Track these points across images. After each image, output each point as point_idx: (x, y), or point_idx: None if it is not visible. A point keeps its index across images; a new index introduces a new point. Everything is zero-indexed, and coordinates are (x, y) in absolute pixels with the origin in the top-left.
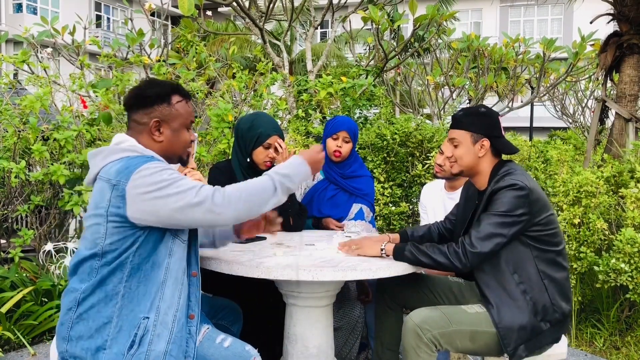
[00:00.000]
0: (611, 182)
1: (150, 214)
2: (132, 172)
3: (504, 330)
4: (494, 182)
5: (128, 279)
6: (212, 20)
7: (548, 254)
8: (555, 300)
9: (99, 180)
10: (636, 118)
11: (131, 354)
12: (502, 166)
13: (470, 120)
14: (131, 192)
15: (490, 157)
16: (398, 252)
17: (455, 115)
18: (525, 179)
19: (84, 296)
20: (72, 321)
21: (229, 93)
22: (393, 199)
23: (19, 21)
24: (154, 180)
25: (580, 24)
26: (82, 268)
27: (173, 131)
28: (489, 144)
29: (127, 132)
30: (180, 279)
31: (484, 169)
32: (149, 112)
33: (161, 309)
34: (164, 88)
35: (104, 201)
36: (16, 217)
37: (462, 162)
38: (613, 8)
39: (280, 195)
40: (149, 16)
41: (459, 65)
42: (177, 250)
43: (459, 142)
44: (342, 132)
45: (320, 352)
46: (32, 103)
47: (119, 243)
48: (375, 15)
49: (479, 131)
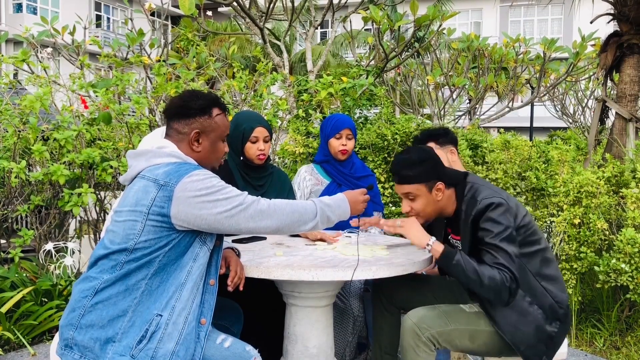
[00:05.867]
0: (612, 182)
1: (196, 217)
2: (182, 175)
3: (528, 350)
4: (466, 206)
5: (152, 277)
6: (212, 20)
7: (535, 255)
8: (556, 297)
9: (141, 179)
10: (636, 118)
11: (139, 349)
12: (463, 188)
13: (417, 171)
14: (179, 194)
15: (447, 192)
16: (447, 257)
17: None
18: (494, 193)
19: (104, 286)
20: (86, 309)
21: (229, 93)
22: (393, 199)
23: (19, 21)
24: (204, 186)
25: (581, 24)
26: (105, 260)
27: (211, 143)
28: (444, 185)
29: (167, 137)
30: (198, 284)
31: (447, 205)
32: (190, 123)
33: (176, 309)
34: (206, 100)
35: (147, 199)
36: (16, 217)
37: (426, 212)
38: (613, 8)
39: (319, 222)
40: (149, 16)
41: (459, 65)
42: (201, 257)
43: (415, 196)
44: (344, 130)
45: (320, 352)
46: (32, 103)
47: (153, 242)
48: (376, 15)
49: (431, 178)
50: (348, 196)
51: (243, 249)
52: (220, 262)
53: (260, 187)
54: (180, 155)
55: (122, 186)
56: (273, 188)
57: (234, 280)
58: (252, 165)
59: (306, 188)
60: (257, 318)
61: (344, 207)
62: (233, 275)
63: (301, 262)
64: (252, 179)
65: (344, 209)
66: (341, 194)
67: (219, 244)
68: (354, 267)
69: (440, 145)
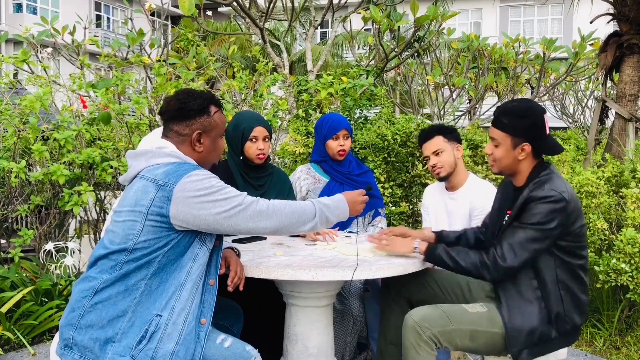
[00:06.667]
0: (612, 182)
1: (195, 217)
2: (181, 175)
3: (512, 331)
4: (532, 186)
5: (151, 277)
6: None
7: (571, 265)
8: (569, 312)
9: (140, 179)
10: (636, 118)
11: (139, 349)
12: (542, 168)
13: (511, 121)
14: (178, 194)
15: (530, 159)
16: (430, 252)
17: (497, 111)
18: (564, 188)
19: (103, 286)
20: (86, 309)
21: (229, 93)
22: (393, 199)
23: (19, 21)
24: (203, 186)
25: (580, 24)
26: (104, 260)
27: (212, 141)
28: (530, 148)
29: (166, 138)
30: (197, 284)
31: (523, 170)
32: (190, 124)
33: (175, 309)
34: (203, 100)
35: (146, 199)
36: (16, 217)
37: (501, 163)
38: (613, 8)
39: (318, 222)
40: (149, 16)
41: (459, 65)
42: (201, 257)
43: (498, 143)
44: (341, 131)
45: (320, 352)
46: (32, 103)
47: (153, 242)
48: (376, 15)
49: (520, 135)
50: (347, 197)
51: (243, 249)
52: (220, 262)
53: (260, 187)
54: (180, 155)
55: (122, 186)
56: (273, 188)
57: (234, 280)
58: (251, 165)
59: (302, 187)
60: (257, 318)
61: (343, 207)
62: (233, 275)
63: (301, 262)
64: (251, 179)
65: (343, 209)
66: (340, 195)
67: (219, 244)
68: (354, 267)
69: (447, 140)
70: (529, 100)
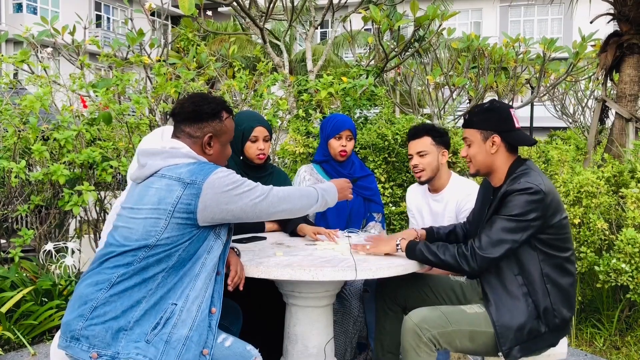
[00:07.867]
0: (612, 182)
1: (222, 210)
2: (208, 173)
3: (501, 329)
4: (510, 181)
5: (169, 270)
6: (212, 20)
7: (555, 259)
8: (556, 306)
9: (161, 178)
10: (636, 118)
11: (154, 334)
12: (519, 165)
13: (478, 117)
14: (208, 190)
15: (504, 154)
16: (410, 249)
17: (466, 114)
18: (541, 181)
19: (120, 279)
20: (99, 301)
21: (229, 93)
22: (393, 199)
23: (19, 21)
24: (231, 181)
25: (581, 24)
26: (119, 257)
27: (221, 145)
28: (500, 139)
29: (177, 138)
30: (211, 275)
31: (500, 167)
32: (202, 127)
33: (190, 298)
34: (217, 105)
35: (172, 198)
36: (16, 217)
37: (476, 160)
38: (613, 8)
39: (320, 204)
40: (149, 16)
41: (459, 65)
42: (215, 249)
43: (470, 142)
44: (344, 131)
45: (320, 352)
46: (32, 103)
47: (176, 238)
48: (376, 15)
49: (487, 128)
50: (335, 183)
51: (243, 249)
52: (227, 255)
53: None
54: (196, 156)
55: (123, 186)
56: None
57: (234, 280)
58: (251, 165)
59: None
60: (257, 318)
61: (333, 191)
62: (233, 275)
63: (301, 262)
64: (251, 179)
65: (334, 193)
66: (329, 182)
67: (229, 238)
68: (354, 267)
69: (435, 142)
70: (495, 99)
